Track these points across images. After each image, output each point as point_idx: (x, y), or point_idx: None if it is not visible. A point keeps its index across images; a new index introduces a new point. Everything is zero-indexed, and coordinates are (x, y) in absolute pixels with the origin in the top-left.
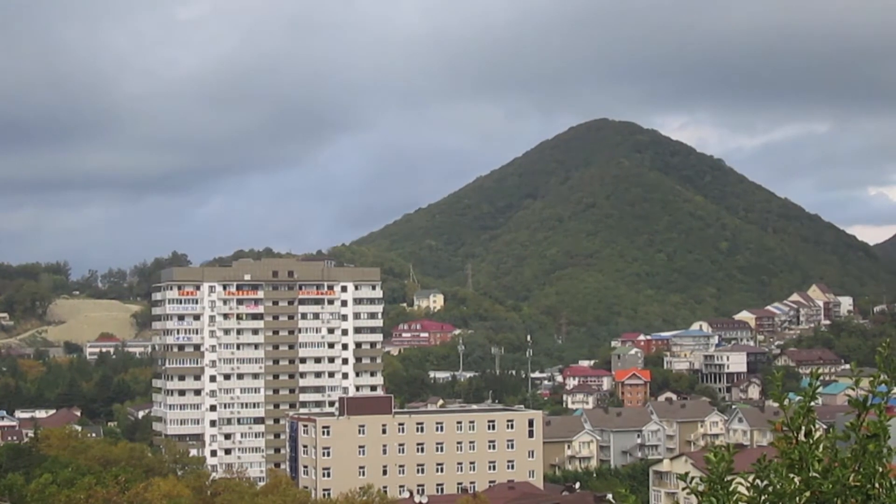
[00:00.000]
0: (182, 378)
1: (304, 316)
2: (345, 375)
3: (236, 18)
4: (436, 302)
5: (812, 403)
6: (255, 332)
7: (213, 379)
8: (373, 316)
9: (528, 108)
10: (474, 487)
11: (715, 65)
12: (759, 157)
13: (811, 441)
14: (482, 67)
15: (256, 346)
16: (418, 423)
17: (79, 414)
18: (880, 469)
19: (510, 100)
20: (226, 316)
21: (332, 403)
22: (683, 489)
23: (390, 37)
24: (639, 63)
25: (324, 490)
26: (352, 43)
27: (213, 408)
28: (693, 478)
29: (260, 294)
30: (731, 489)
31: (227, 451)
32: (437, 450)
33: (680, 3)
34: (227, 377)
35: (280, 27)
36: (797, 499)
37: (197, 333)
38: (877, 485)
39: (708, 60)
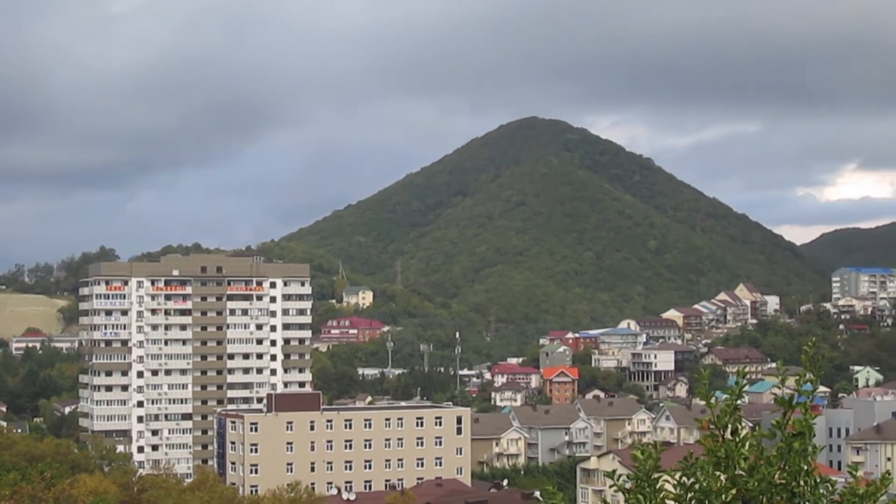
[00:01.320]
0: (109, 374)
1: (232, 312)
2: (273, 372)
3: (170, 13)
4: (365, 299)
5: (738, 402)
6: (183, 327)
7: (140, 375)
8: (301, 312)
9: (461, 105)
10: (402, 484)
11: (646, 65)
12: (688, 157)
13: (737, 439)
14: (416, 64)
15: (184, 341)
16: (346, 420)
17: (4, 409)
18: (805, 467)
19: (443, 97)
20: (154, 311)
21: (260, 400)
22: (610, 487)
23: (325, 33)
24: (571, 62)
25: (251, 487)
26: (286, 38)
27: (140, 404)
28: (620, 475)
29: (188, 290)
30: (657, 487)
31: (155, 448)
32: (365, 447)
33: (613, 3)
34: (154, 373)
35: (214, 22)
36: (723, 496)
37: (124, 329)
38: (802, 482)
39: (639, 60)
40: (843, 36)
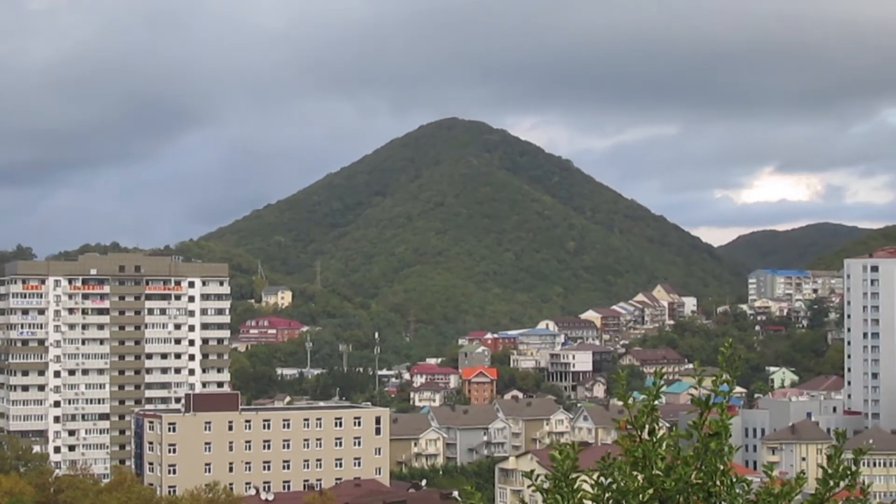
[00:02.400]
0: (26, 373)
1: (150, 311)
2: (191, 371)
3: (90, 10)
4: (284, 298)
5: (656, 402)
6: (101, 327)
7: (57, 374)
8: (220, 312)
9: (381, 106)
10: (321, 484)
11: (567, 67)
12: (608, 159)
13: (654, 439)
14: (337, 64)
15: (102, 341)
16: (265, 420)
17: None
18: (721, 467)
19: (363, 97)
20: (71, 311)
21: (178, 400)
22: (529, 487)
23: (246, 32)
24: (492, 63)
25: (169, 487)
26: (207, 37)
27: (57, 403)
28: (538, 475)
29: (106, 289)
30: (575, 487)
31: (72, 448)
32: (283, 447)
33: (535, 5)
34: (71, 373)
35: (136, 20)
36: (640, 496)
37: (41, 328)
38: (718, 482)
39: (560, 63)
40: (762, 41)
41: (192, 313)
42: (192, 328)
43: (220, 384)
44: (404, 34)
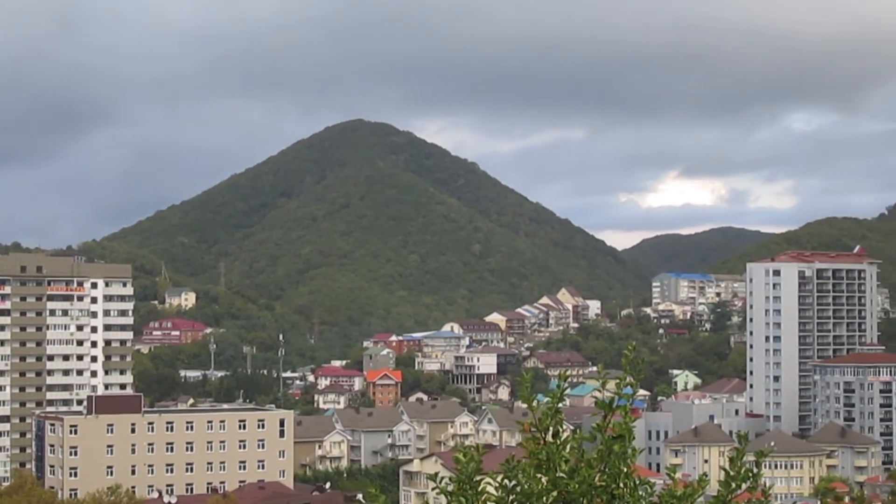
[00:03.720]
0: None
1: (52, 312)
2: (94, 373)
3: None
4: (188, 300)
5: (560, 405)
6: (2, 328)
7: None
8: (123, 313)
9: (290, 107)
10: (224, 487)
11: (476, 70)
12: (515, 162)
13: (558, 442)
14: (244, 65)
15: (3, 342)
16: (168, 423)
17: None
18: (625, 469)
19: (271, 98)
20: None
21: (80, 402)
22: (433, 489)
23: (152, 31)
24: (400, 66)
25: (71, 490)
26: (112, 36)
27: None
28: (443, 478)
29: (7, 290)
30: (479, 489)
31: None
32: (187, 449)
33: (443, 8)
34: None
35: (42, 17)
36: (544, 498)
37: None
38: (622, 485)
39: (469, 66)
40: (669, 46)
41: (94, 314)
42: (94, 329)
43: (122, 386)
44: (314, 36)
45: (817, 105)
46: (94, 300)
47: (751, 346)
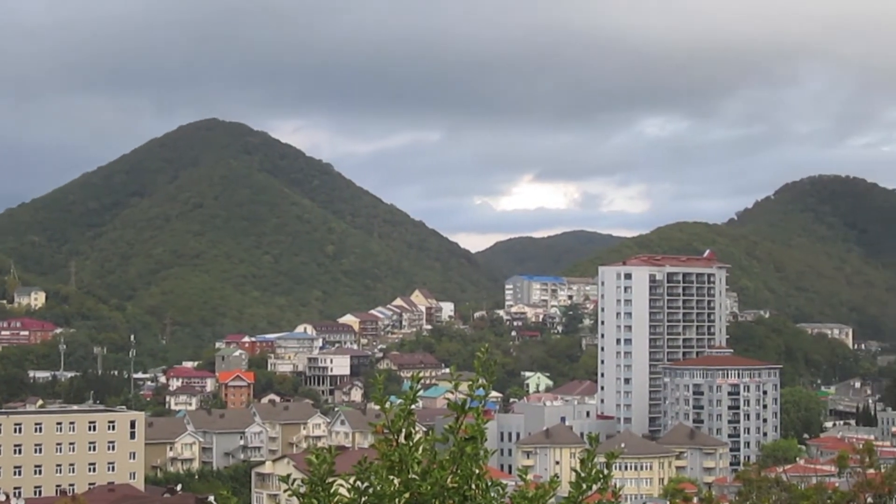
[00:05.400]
0: None
1: None
2: None
3: None
4: (37, 300)
5: (412, 406)
6: None
7: None
8: None
9: (145, 105)
10: (73, 490)
11: (333, 72)
12: (370, 164)
13: (411, 443)
14: (99, 63)
15: None
16: (16, 424)
17: None
18: (477, 470)
19: (127, 97)
20: None
21: None
22: (285, 491)
23: (7, 27)
24: (258, 66)
25: None
26: None
27: None
28: (295, 479)
29: None
30: (332, 491)
31: None
32: (35, 451)
33: (300, 9)
34: None
35: None
36: (397, 500)
37: None
38: (474, 486)
39: (326, 67)
40: (527, 50)
41: None
42: None
43: None
44: (170, 34)
45: (670, 111)
46: None
47: (602, 349)
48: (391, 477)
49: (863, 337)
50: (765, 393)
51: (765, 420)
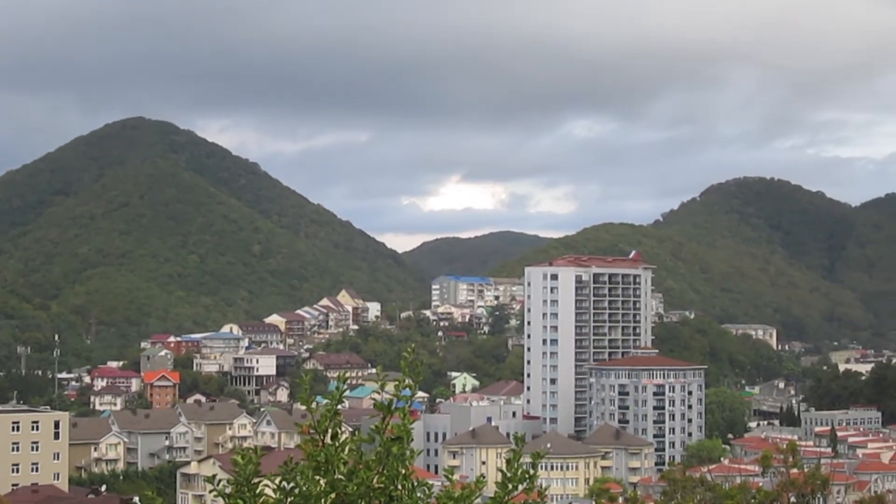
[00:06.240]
0: None
1: None
2: None
3: None
4: None
5: (338, 406)
6: None
7: None
8: None
9: (70, 103)
10: None
11: (261, 71)
12: (297, 164)
13: (337, 444)
14: (23, 60)
15: None
16: None
17: None
18: (403, 471)
19: (52, 94)
20: None
21: None
22: (210, 491)
23: None
24: (184, 65)
25: None
26: None
27: None
28: (220, 480)
29: None
30: (257, 491)
31: None
32: None
33: (228, 8)
34: None
35: None
36: (323, 501)
37: None
38: (400, 486)
39: (254, 66)
40: (454, 51)
41: None
42: None
43: None
44: (97, 31)
45: (598, 113)
46: None
47: (528, 349)
48: (317, 477)
49: (786, 338)
50: (690, 393)
51: (690, 420)
